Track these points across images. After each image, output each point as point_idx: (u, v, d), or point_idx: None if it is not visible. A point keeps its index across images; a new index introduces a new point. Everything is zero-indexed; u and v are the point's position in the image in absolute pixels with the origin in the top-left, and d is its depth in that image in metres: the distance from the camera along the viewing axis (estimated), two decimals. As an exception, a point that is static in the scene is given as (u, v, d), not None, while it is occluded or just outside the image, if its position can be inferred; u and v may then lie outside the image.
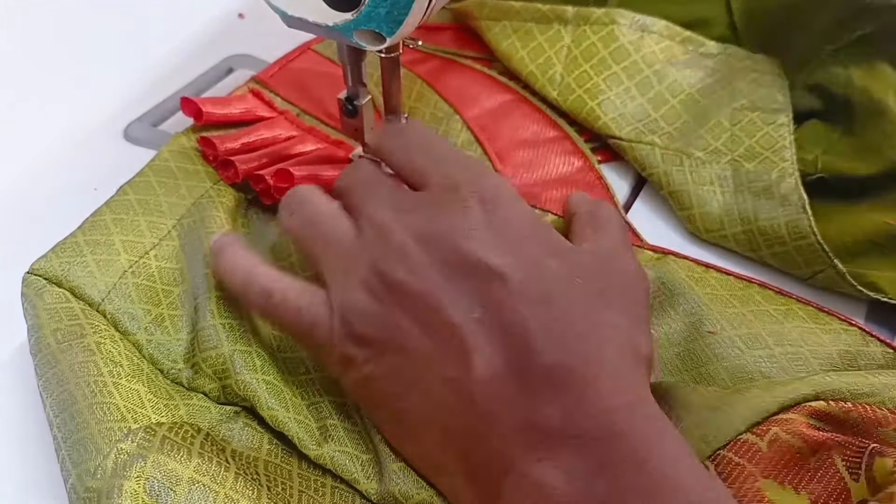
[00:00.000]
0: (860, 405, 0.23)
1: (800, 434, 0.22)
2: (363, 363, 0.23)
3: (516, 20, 0.42)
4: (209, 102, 0.36)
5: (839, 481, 0.22)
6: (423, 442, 0.23)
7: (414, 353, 0.22)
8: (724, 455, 0.22)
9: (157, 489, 0.21)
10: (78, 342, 0.26)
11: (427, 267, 0.23)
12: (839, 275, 0.31)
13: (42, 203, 0.36)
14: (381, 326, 0.23)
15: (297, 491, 0.24)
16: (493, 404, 0.21)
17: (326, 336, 0.24)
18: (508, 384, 0.21)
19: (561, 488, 0.19)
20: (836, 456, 0.22)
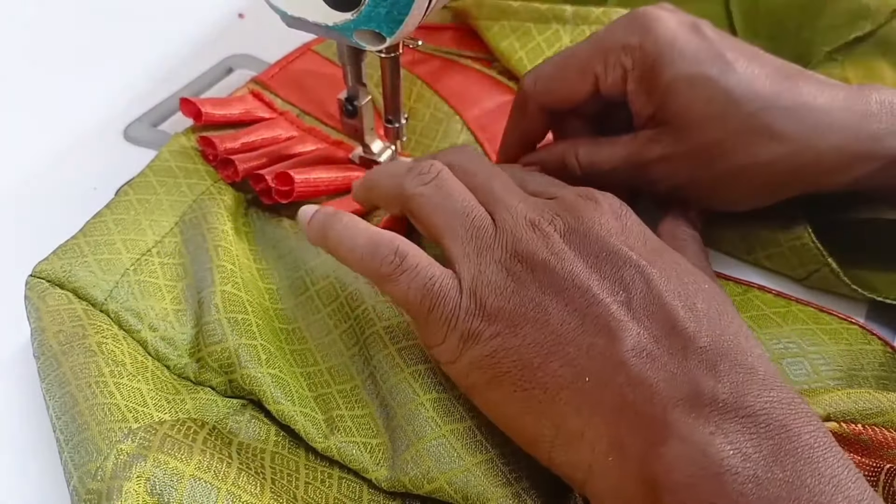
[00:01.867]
0: (870, 428, 0.23)
1: None
2: (491, 337, 0.23)
3: (515, 20, 0.42)
4: (208, 103, 0.36)
5: None
6: (556, 412, 0.22)
7: (556, 326, 0.22)
8: None
9: (158, 488, 0.21)
10: (80, 343, 0.26)
11: (570, 254, 0.23)
12: (834, 274, 0.31)
13: (42, 203, 0.36)
14: (520, 301, 0.23)
15: (303, 482, 0.24)
16: (647, 372, 0.21)
17: (452, 310, 0.24)
18: (662, 357, 0.21)
19: (737, 468, 0.18)
20: None
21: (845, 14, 0.39)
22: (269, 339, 0.27)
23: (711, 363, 0.20)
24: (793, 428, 0.19)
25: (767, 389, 0.20)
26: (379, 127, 0.36)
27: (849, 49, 0.39)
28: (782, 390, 0.20)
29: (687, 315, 0.21)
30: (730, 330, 0.21)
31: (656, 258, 0.23)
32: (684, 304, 0.22)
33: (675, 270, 0.23)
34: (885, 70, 0.38)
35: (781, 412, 0.19)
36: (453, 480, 0.24)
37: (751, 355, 0.21)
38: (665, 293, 0.22)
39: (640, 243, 0.24)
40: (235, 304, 0.28)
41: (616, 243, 0.23)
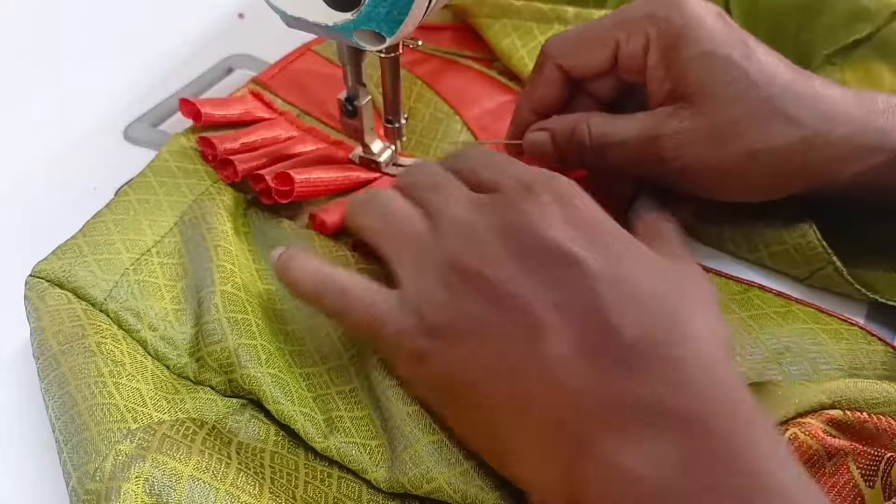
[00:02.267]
0: (875, 416, 0.23)
1: (817, 437, 0.22)
2: (437, 356, 0.23)
3: (516, 18, 0.42)
4: (208, 104, 0.36)
5: (853, 487, 0.22)
6: (499, 430, 0.22)
7: (490, 336, 0.22)
8: None
9: (157, 488, 0.21)
10: (79, 343, 0.26)
11: (504, 258, 0.23)
12: (837, 272, 0.31)
13: (42, 203, 0.36)
14: (456, 315, 0.23)
15: (302, 481, 0.24)
16: (572, 382, 0.20)
17: (397, 332, 0.24)
18: (588, 362, 0.20)
19: (648, 477, 0.18)
20: (850, 463, 0.22)
21: (844, 15, 0.39)
22: (269, 339, 0.27)
23: (636, 363, 0.20)
24: (712, 424, 0.19)
25: (689, 385, 0.19)
26: (379, 127, 0.36)
27: (847, 52, 0.39)
28: (714, 380, 0.19)
29: (620, 309, 0.21)
30: (669, 320, 0.21)
31: (601, 247, 0.23)
32: (621, 296, 0.21)
33: (623, 258, 0.22)
34: (884, 73, 0.38)
35: (702, 407, 0.19)
36: (452, 480, 0.24)
37: (687, 343, 0.20)
38: (600, 287, 0.21)
39: (586, 231, 0.23)
40: (235, 304, 0.28)
41: (554, 237, 0.23)
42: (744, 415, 0.19)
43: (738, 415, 0.19)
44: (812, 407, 0.24)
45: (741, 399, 0.20)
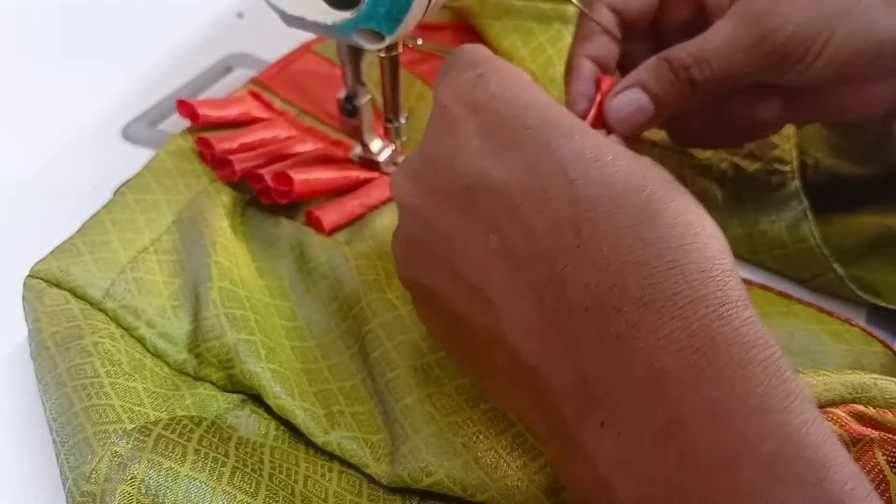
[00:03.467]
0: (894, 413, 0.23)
1: (841, 423, 0.22)
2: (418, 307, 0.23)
3: (517, 19, 0.42)
4: (205, 105, 0.36)
5: (879, 473, 0.22)
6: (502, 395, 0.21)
7: (452, 306, 0.20)
8: None
9: (153, 489, 0.21)
10: (76, 344, 0.26)
11: (432, 209, 0.20)
12: (838, 279, 0.31)
13: (41, 203, 0.35)
14: (420, 291, 0.22)
15: (303, 476, 0.24)
16: (535, 354, 0.17)
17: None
18: (547, 328, 0.17)
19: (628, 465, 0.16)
20: (876, 449, 0.22)
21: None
22: (269, 335, 0.27)
23: (597, 315, 0.16)
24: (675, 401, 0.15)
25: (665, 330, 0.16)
26: (378, 126, 0.36)
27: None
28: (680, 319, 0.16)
29: (561, 236, 0.17)
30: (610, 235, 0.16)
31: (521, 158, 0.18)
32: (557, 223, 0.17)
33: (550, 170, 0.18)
34: None
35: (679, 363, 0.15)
36: (452, 473, 0.23)
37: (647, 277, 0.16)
38: (534, 217, 0.17)
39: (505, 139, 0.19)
40: (233, 301, 0.28)
41: (466, 166, 0.19)
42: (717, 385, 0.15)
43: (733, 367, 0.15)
44: (833, 400, 0.23)
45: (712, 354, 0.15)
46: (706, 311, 0.16)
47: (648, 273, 0.16)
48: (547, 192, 0.18)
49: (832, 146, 0.35)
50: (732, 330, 0.16)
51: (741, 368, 0.15)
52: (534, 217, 0.17)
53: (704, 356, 0.15)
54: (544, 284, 0.17)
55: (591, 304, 0.16)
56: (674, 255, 0.16)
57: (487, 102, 0.20)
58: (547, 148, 0.18)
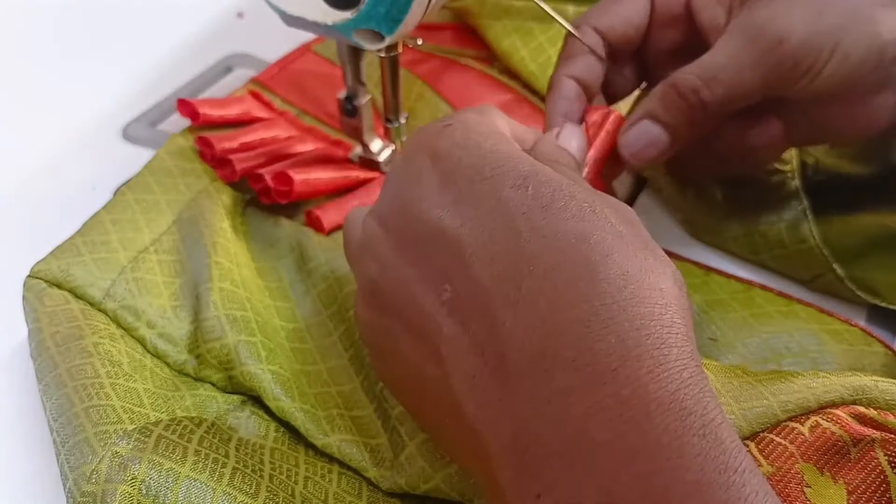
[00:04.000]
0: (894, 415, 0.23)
1: (842, 424, 0.22)
2: (383, 373, 0.23)
3: (517, 19, 0.42)
4: (206, 104, 0.36)
5: (879, 473, 0.22)
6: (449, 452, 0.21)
7: (408, 356, 0.20)
8: (765, 436, 0.23)
9: (153, 489, 0.21)
10: (76, 345, 0.25)
11: (393, 254, 0.20)
12: (838, 279, 0.31)
13: (41, 203, 0.35)
14: (376, 335, 0.22)
15: (303, 477, 0.24)
16: (476, 412, 0.17)
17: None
18: (487, 383, 0.17)
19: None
20: (878, 449, 0.22)
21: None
22: (269, 336, 0.27)
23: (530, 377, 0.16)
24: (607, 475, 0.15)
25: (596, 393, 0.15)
26: (379, 126, 0.36)
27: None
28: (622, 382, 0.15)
29: (505, 298, 0.16)
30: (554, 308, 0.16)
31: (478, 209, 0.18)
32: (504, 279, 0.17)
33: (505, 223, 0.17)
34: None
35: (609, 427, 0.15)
36: (448, 479, 0.23)
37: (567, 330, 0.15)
38: (482, 274, 0.17)
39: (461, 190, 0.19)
40: (234, 301, 0.28)
41: (425, 213, 0.19)
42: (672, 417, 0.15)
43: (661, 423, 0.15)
44: (833, 401, 0.23)
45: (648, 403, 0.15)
46: (639, 373, 0.15)
47: (582, 333, 0.15)
48: (494, 245, 0.17)
49: (832, 146, 0.35)
50: (668, 395, 0.15)
51: (676, 439, 0.14)
52: (481, 270, 0.17)
53: (637, 426, 0.14)
54: (486, 341, 0.17)
55: (526, 366, 0.16)
56: (608, 312, 0.15)
57: (450, 151, 0.20)
58: (498, 199, 0.18)
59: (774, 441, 0.22)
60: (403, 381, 0.21)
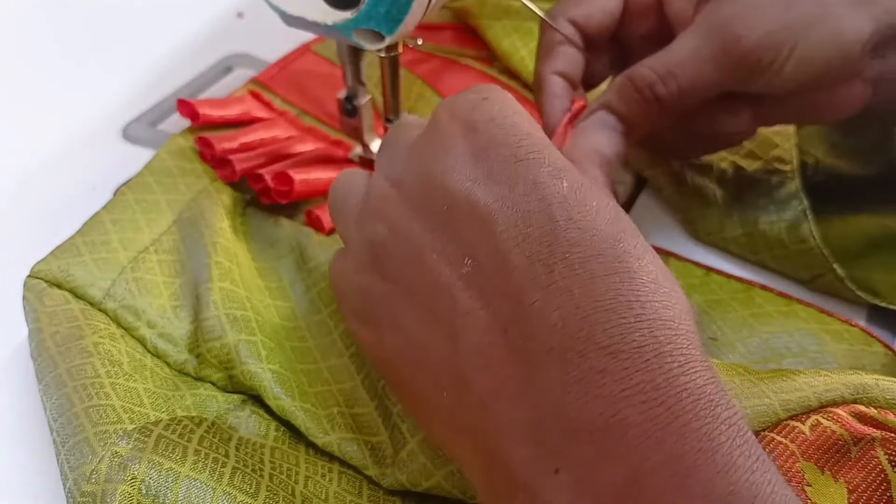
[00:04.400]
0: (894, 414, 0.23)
1: (842, 422, 0.22)
2: (372, 344, 0.22)
3: (517, 19, 0.42)
4: (206, 104, 0.36)
5: (880, 472, 0.22)
6: (433, 427, 0.20)
7: (412, 329, 0.19)
8: (766, 434, 0.22)
9: (153, 489, 0.21)
10: (76, 344, 0.26)
11: (407, 219, 0.20)
12: (838, 279, 0.31)
13: (41, 203, 0.35)
14: (368, 301, 0.21)
15: (303, 476, 0.24)
16: (490, 390, 0.17)
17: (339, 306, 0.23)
18: (507, 363, 0.17)
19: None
20: (878, 448, 0.22)
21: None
22: (269, 335, 0.27)
23: (560, 356, 0.16)
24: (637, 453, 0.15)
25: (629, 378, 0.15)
26: (379, 126, 0.36)
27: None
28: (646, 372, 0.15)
29: (537, 277, 0.17)
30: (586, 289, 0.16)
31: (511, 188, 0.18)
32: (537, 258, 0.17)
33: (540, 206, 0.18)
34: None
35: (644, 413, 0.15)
36: (449, 476, 0.23)
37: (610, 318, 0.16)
38: (512, 252, 0.17)
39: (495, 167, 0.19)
40: (234, 301, 0.28)
41: (453, 183, 0.19)
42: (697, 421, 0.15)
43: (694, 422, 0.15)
44: (834, 400, 0.23)
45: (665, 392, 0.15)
46: (672, 365, 0.16)
47: (617, 323, 0.16)
48: (528, 227, 0.17)
49: (832, 146, 0.35)
50: (697, 388, 0.15)
51: (706, 425, 0.15)
52: (511, 249, 0.17)
53: (670, 410, 0.15)
54: (511, 318, 0.17)
55: (556, 345, 0.16)
56: (642, 308, 0.16)
57: (486, 125, 0.20)
58: (535, 184, 0.18)
59: (776, 440, 0.22)
60: (396, 353, 0.20)
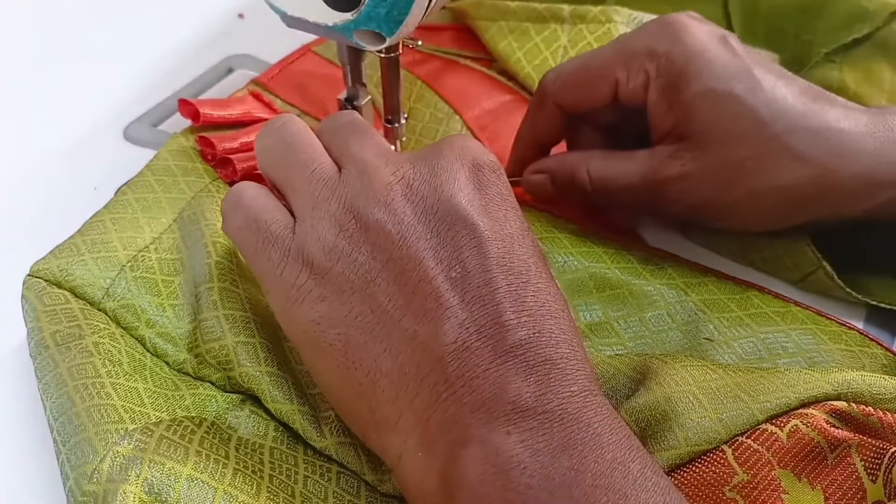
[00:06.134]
0: (880, 411, 0.23)
1: (819, 429, 0.22)
2: (317, 300, 0.22)
3: (513, 20, 0.42)
4: (207, 104, 0.36)
5: (856, 480, 0.22)
6: (374, 398, 0.22)
7: (382, 301, 0.22)
8: (742, 441, 0.23)
9: (155, 488, 0.21)
10: (76, 344, 0.26)
11: (410, 212, 0.22)
12: (828, 276, 0.31)
13: (42, 203, 0.36)
14: (348, 266, 0.22)
15: (302, 476, 0.24)
16: (460, 372, 0.20)
17: (280, 258, 0.23)
18: (478, 354, 0.20)
19: (525, 463, 0.19)
20: (854, 455, 0.22)
21: (844, 16, 0.39)
22: (268, 337, 0.27)
23: (523, 361, 0.20)
24: (583, 419, 0.20)
25: (569, 384, 0.20)
26: (379, 127, 0.36)
27: (846, 51, 0.39)
28: (582, 383, 0.21)
29: (514, 304, 0.21)
30: (547, 319, 0.21)
31: (503, 227, 0.22)
32: (514, 288, 0.21)
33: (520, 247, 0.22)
34: (885, 72, 0.38)
35: (576, 405, 0.20)
36: None
37: (562, 345, 0.21)
38: (498, 276, 0.21)
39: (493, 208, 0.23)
40: (234, 301, 0.28)
41: (461, 202, 0.22)
42: (606, 411, 0.21)
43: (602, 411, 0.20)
44: (815, 397, 0.23)
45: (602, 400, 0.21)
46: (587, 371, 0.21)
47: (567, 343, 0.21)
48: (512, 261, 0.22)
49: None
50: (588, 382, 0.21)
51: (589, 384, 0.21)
52: (497, 275, 0.21)
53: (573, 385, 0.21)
54: (486, 324, 0.21)
55: (522, 351, 0.20)
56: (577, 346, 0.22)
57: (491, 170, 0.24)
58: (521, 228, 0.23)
59: (751, 448, 0.22)
60: (352, 317, 0.22)
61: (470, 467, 0.19)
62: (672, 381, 0.25)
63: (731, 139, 0.28)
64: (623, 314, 0.30)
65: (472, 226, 0.22)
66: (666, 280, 0.31)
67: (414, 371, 0.21)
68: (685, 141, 0.29)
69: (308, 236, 0.23)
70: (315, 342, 0.23)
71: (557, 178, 0.32)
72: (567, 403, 0.20)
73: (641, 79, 0.30)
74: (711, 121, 0.28)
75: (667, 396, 0.24)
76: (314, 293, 0.22)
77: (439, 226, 0.22)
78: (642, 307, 0.30)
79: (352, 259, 0.22)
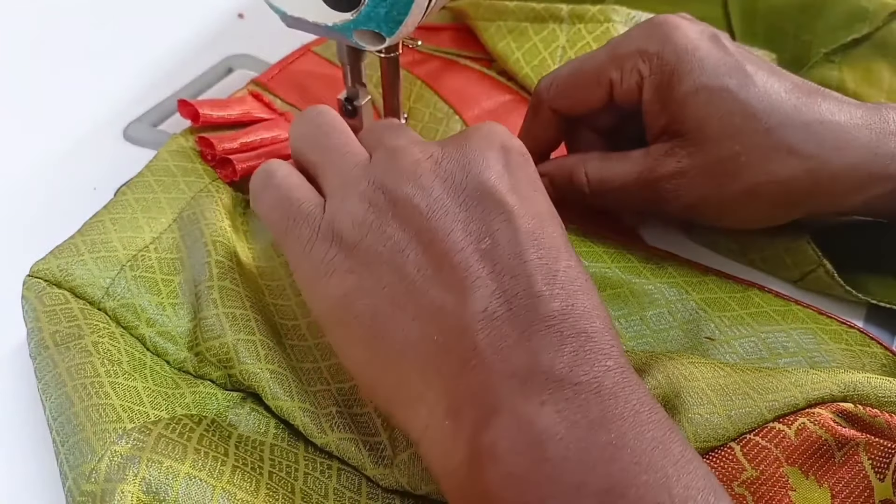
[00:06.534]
0: (886, 413, 0.23)
1: (827, 427, 0.22)
2: (346, 272, 0.23)
3: (511, 20, 0.42)
4: (207, 104, 0.36)
5: (863, 478, 0.22)
6: (401, 369, 0.22)
7: (408, 272, 0.22)
8: (751, 438, 0.23)
9: (153, 487, 0.21)
10: (76, 343, 0.26)
11: (439, 188, 0.22)
12: (828, 275, 0.31)
13: (42, 203, 0.36)
14: (377, 238, 0.22)
15: (302, 473, 0.24)
16: (490, 340, 0.20)
17: (310, 235, 0.23)
18: (510, 323, 0.20)
19: (562, 434, 0.19)
20: (862, 453, 0.22)
21: (843, 16, 0.39)
22: (269, 335, 0.27)
23: (557, 332, 0.20)
24: (621, 395, 0.19)
25: (604, 357, 0.20)
26: (378, 127, 0.36)
27: (846, 51, 0.39)
28: (618, 358, 0.20)
29: (545, 276, 0.21)
30: (580, 294, 0.21)
31: (535, 207, 0.23)
32: (545, 262, 0.21)
33: (549, 226, 0.22)
34: (884, 72, 0.38)
35: (613, 380, 0.20)
36: None
37: (596, 320, 0.21)
38: (528, 249, 0.21)
39: (525, 189, 0.23)
40: (234, 300, 0.28)
41: (492, 179, 0.22)
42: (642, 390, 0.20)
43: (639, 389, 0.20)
44: (822, 397, 0.23)
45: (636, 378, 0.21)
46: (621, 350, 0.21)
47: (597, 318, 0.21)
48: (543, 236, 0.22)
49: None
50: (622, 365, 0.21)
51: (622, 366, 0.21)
52: (527, 247, 0.21)
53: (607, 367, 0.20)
54: (517, 295, 0.21)
55: (555, 322, 0.20)
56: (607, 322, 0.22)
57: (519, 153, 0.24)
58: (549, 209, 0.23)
59: (760, 444, 0.22)
60: (379, 289, 0.22)
61: (501, 437, 0.19)
62: (681, 375, 0.25)
63: (724, 135, 0.28)
64: (624, 313, 0.30)
65: (502, 201, 0.22)
66: (667, 279, 0.31)
67: (442, 340, 0.21)
68: (680, 138, 0.29)
69: (338, 212, 0.23)
70: (342, 315, 0.23)
71: (556, 181, 0.32)
72: (603, 377, 0.19)
73: (635, 79, 0.30)
74: (705, 117, 0.28)
75: (676, 391, 0.24)
76: (343, 266, 0.23)
77: (468, 201, 0.22)
78: (643, 306, 0.30)
79: (381, 231, 0.22)
